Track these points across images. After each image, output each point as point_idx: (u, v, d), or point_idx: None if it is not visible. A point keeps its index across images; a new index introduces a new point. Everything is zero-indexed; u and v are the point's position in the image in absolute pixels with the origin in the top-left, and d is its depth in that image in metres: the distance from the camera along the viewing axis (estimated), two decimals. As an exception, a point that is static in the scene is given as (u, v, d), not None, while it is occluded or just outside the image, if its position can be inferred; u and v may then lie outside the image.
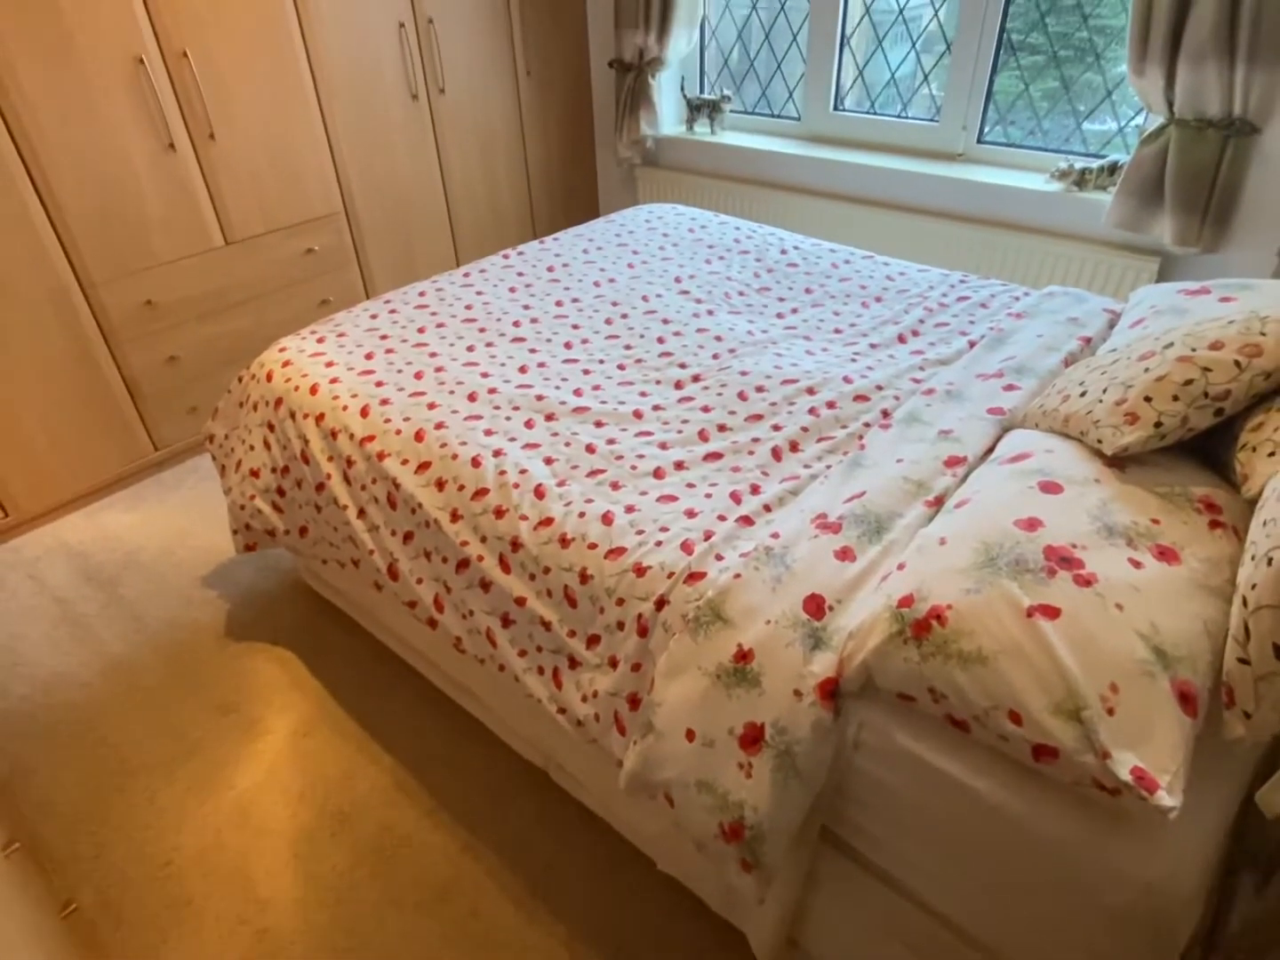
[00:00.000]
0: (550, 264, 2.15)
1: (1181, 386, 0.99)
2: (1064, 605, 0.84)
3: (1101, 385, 1.09)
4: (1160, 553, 0.90)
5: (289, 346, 1.78)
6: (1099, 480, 1.00)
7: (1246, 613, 0.77)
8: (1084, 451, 1.07)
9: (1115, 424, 1.02)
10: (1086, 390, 1.12)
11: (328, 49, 2.43)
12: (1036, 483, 1.01)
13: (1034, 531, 0.93)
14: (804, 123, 2.94)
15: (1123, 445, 1.00)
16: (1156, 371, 1.03)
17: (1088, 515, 0.94)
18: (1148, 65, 2.01)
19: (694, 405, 1.52)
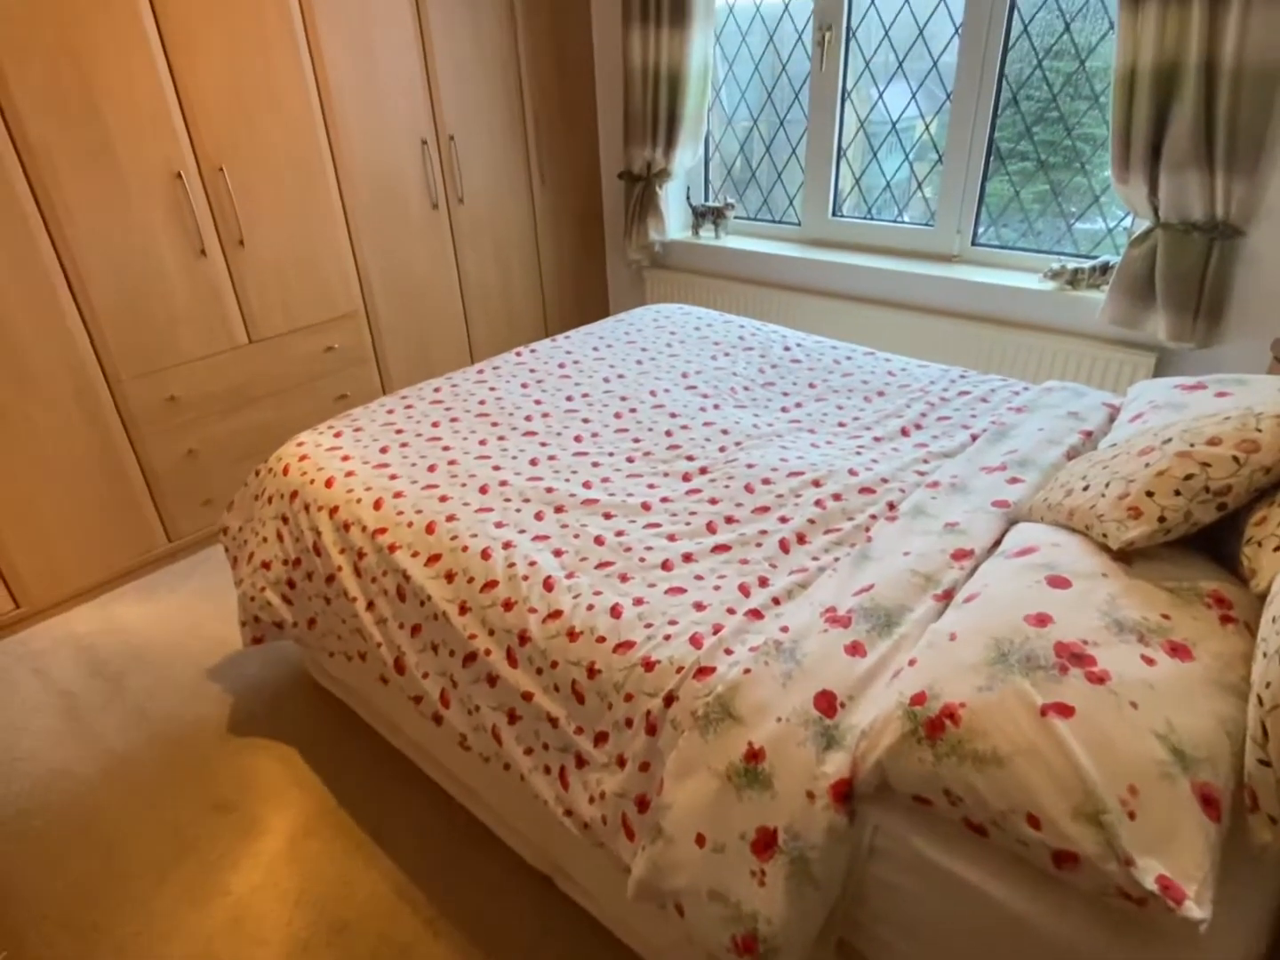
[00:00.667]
0: (561, 360, 2.22)
1: (1182, 481, 1.01)
2: (1078, 704, 0.83)
3: (1104, 480, 1.11)
4: (1172, 649, 0.89)
5: (306, 441, 1.83)
6: (1106, 575, 1.00)
7: (1263, 712, 0.76)
8: (1090, 545, 1.07)
9: (1119, 518, 1.04)
10: (1089, 484, 1.13)
11: (355, 163, 2.59)
12: (1044, 577, 1.02)
13: (1044, 627, 0.92)
14: (804, 228, 3.08)
15: (1128, 539, 1.01)
16: (1157, 466, 1.04)
17: (1097, 611, 0.94)
18: (1130, 174, 2.11)
19: (701, 497, 1.55)
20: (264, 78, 2.30)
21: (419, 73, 2.67)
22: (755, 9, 2.96)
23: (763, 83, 3.06)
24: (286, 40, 2.32)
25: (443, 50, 2.70)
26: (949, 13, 2.52)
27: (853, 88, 2.81)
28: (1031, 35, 2.39)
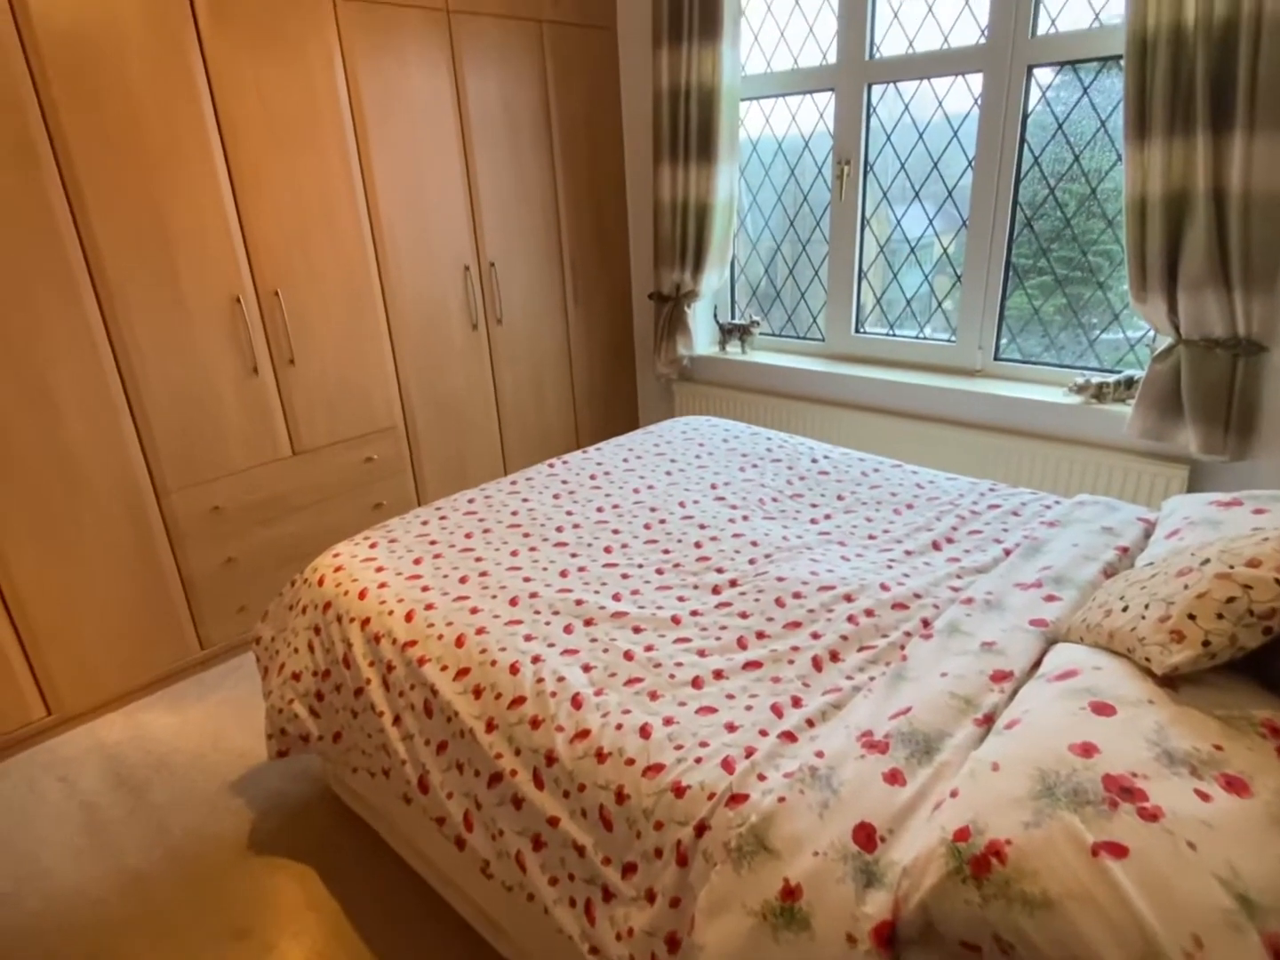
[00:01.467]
0: (593, 472, 2.27)
1: (1225, 604, 0.99)
2: (1131, 843, 0.79)
3: (1143, 601, 1.09)
4: (1228, 783, 0.85)
5: (342, 552, 1.87)
6: (1152, 701, 0.97)
7: (1334, 857, 0.72)
8: (1133, 669, 1.04)
9: (1162, 642, 1.01)
10: (1128, 605, 1.11)
11: (401, 288, 2.75)
12: (1088, 703, 0.99)
13: (1090, 758, 0.89)
14: (828, 343, 3.18)
15: (1172, 664, 0.98)
16: (1197, 588, 1.02)
17: (1145, 740, 0.90)
18: (1149, 294, 2.17)
19: (731, 611, 1.54)
20: (321, 211, 2.49)
21: (464, 206, 2.87)
22: (777, 145, 3.16)
23: (785, 210, 3.23)
24: (344, 176, 2.52)
25: (486, 185, 2.91)
26: (961, 148, 2.67)
27: (871, 214, 2.95)
28: (1042, 165, 2.52)
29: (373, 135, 2.56)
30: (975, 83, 2.56)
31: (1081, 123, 2.43)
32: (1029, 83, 2.46)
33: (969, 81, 2.59)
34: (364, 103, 2.52)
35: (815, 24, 2.89)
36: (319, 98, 2.41)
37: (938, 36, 2.61)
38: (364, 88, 2.51)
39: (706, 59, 2.85)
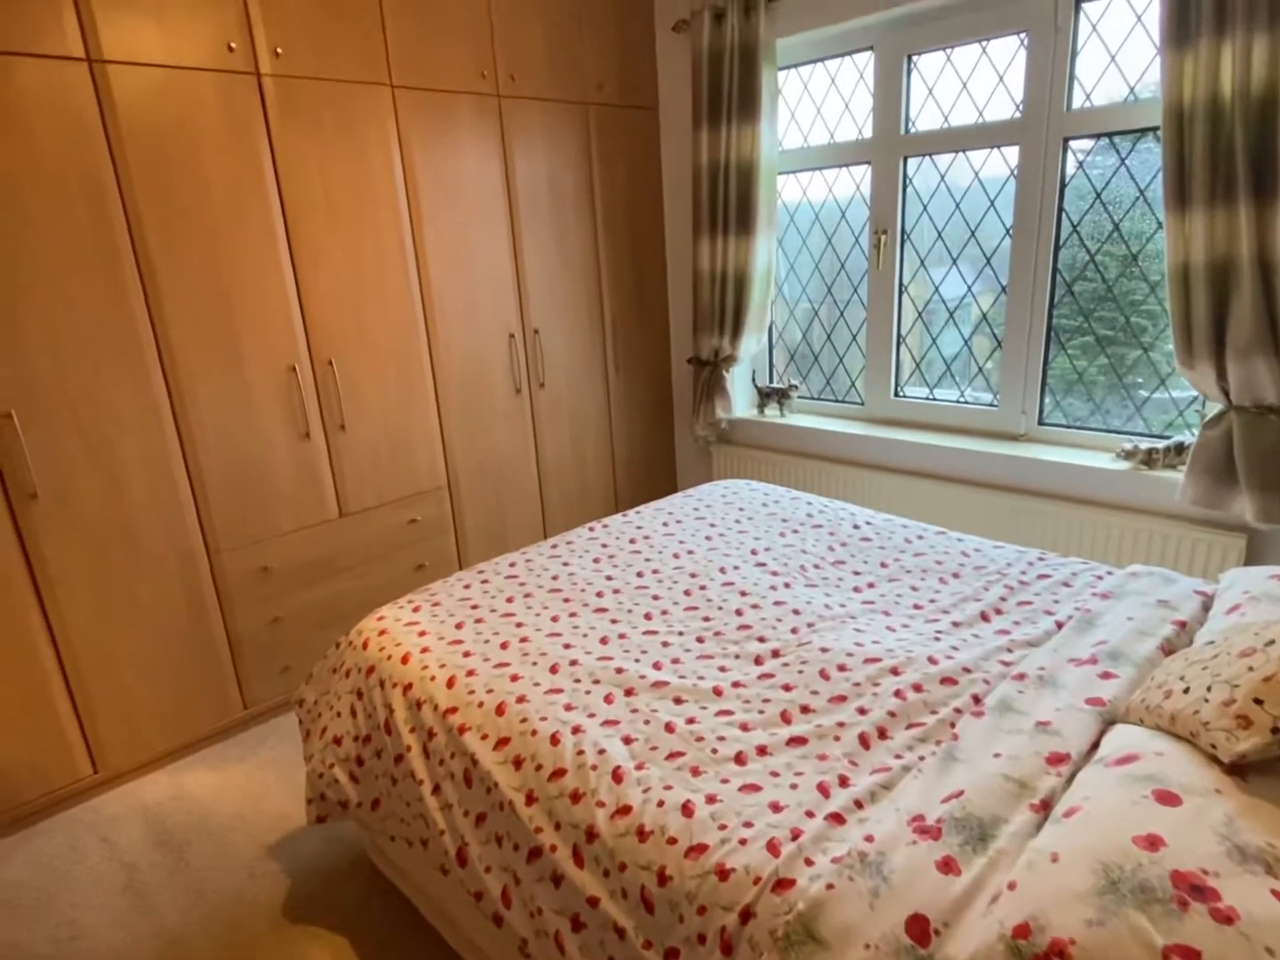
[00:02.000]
0: (632, 536, 2.27)
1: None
2: (1205, 947, 0.75)
3: (1205, 682, 1.05)
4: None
5: (387, 615, 1.89)
6: (1220, 791, 0.93)
7: None
8: (1198, 756, 1.00)
9: (1227, 727, 0.97)
10: (1190, 687, 1.08)
11: (449, 355, 2.84)
12: (1151, 791, 0.95)
13: (1156, 851, 0.85)
14: (867, 407, 3.18)
15: (1239, 752, 0.94)
16: (1262, 671, 0.99)
17: (1214, 834, 0.86)
18: (1195, 360, 2.14)
19: (774, 683, 1.51)
20: (375, 284, 2.60)
21: (510, 277, 2.98)
22: (814, 216, 3.24)
23: (822, 276, 3.28)
24: (397, 252, 2.64)
25: (532, 257, 3.02)
26: (998, 215, 2.70)
27: (909, 282, 2.98)
28: (1081, 232, 2.53)
29: (425, 212, 2.68)
30: (1011, 154, 2.60)
31: (1120, 188, 2.44)
32: (1065, 153, 2.49)
33: (1004, 154, 2.63)
34: (418, 182, 2.65)
35: (851, 101, 2.98)
36: (377, 179, 2.55)
37: (972, 110, 2.67)
38: (419, 168, 2.64)
39: (745, 137, 2.95)
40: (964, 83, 2.68)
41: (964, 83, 2.68)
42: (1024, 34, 2.48)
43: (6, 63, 1.88)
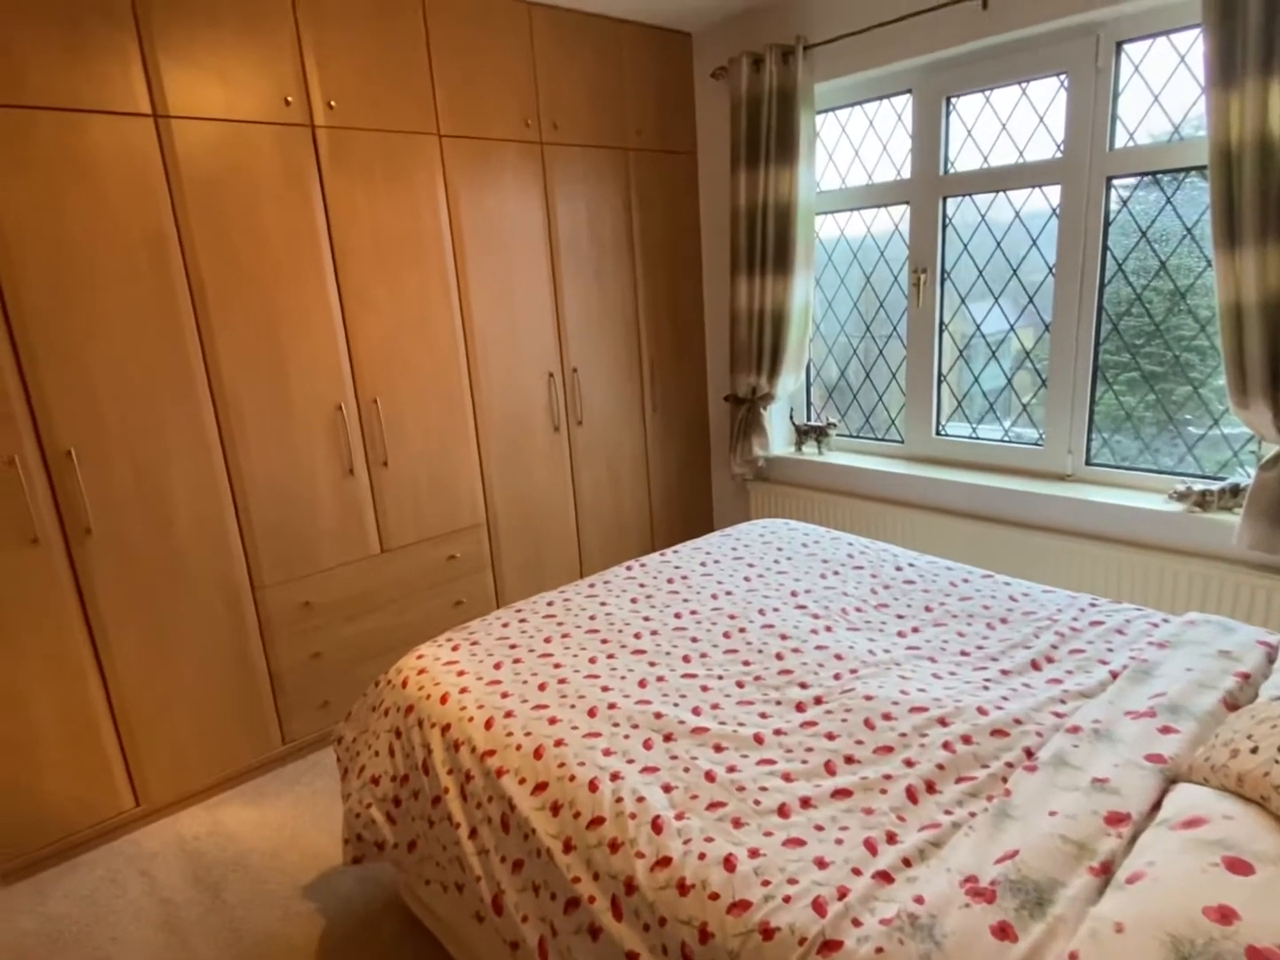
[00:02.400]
0: (670, 576, 2.26)
1: (1373, 752, 0.90)
2: (1289, 1034, 0.70)
3: (1275, 742, 1.00)
4: (1401, 967, 0.75)
5: (426, 654, 1.89)
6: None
7: None
8: (1268, 821, 0.95)
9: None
10: (1259, 746, 1.03)
11: (490, 393, 2.89)
12: (1220, 858, 0.90)
13: (1229, 925, 0.80)
14: (907, 445, 3.15)
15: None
16: (1338, 732, 0.94)
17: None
18: (1250, 399, 2.08)
19: (818, 731, 1.48)
20: (420, 325, 2.66)
21: (550, 317, 3.02)
22: (853, 255, 3.24)
23: (860, 314, 3.28)
24: (442, 293, 2.70)
25: (571, 298, 3.07)
26: (1040, 254, 2.68)
27: (950, 320, 2.96)
28: (1126, 271, 2.50)
29: (469, 255, 2.75)
30: (1053, 192, 2.59)
31: (1166, 225, 2.41)
32: (1109, 192, 2.47)
33: (1045, 192, 2.62)
34: (463, 226, 2.72)
35: (889, 142, 3.00)
36: (423, 223, 2.62)
37: (1013, 150, 2.67)
38: (463, 212, 2.71)
39: (784, 180, 2.98)
40: (1003, 124, 2.68)
41: (1003, 124, 2.68)
42: (1064, 75, 2.48)
43: (80, 120, 1.98)
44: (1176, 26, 2.25)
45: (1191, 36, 2.25)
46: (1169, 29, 2.27)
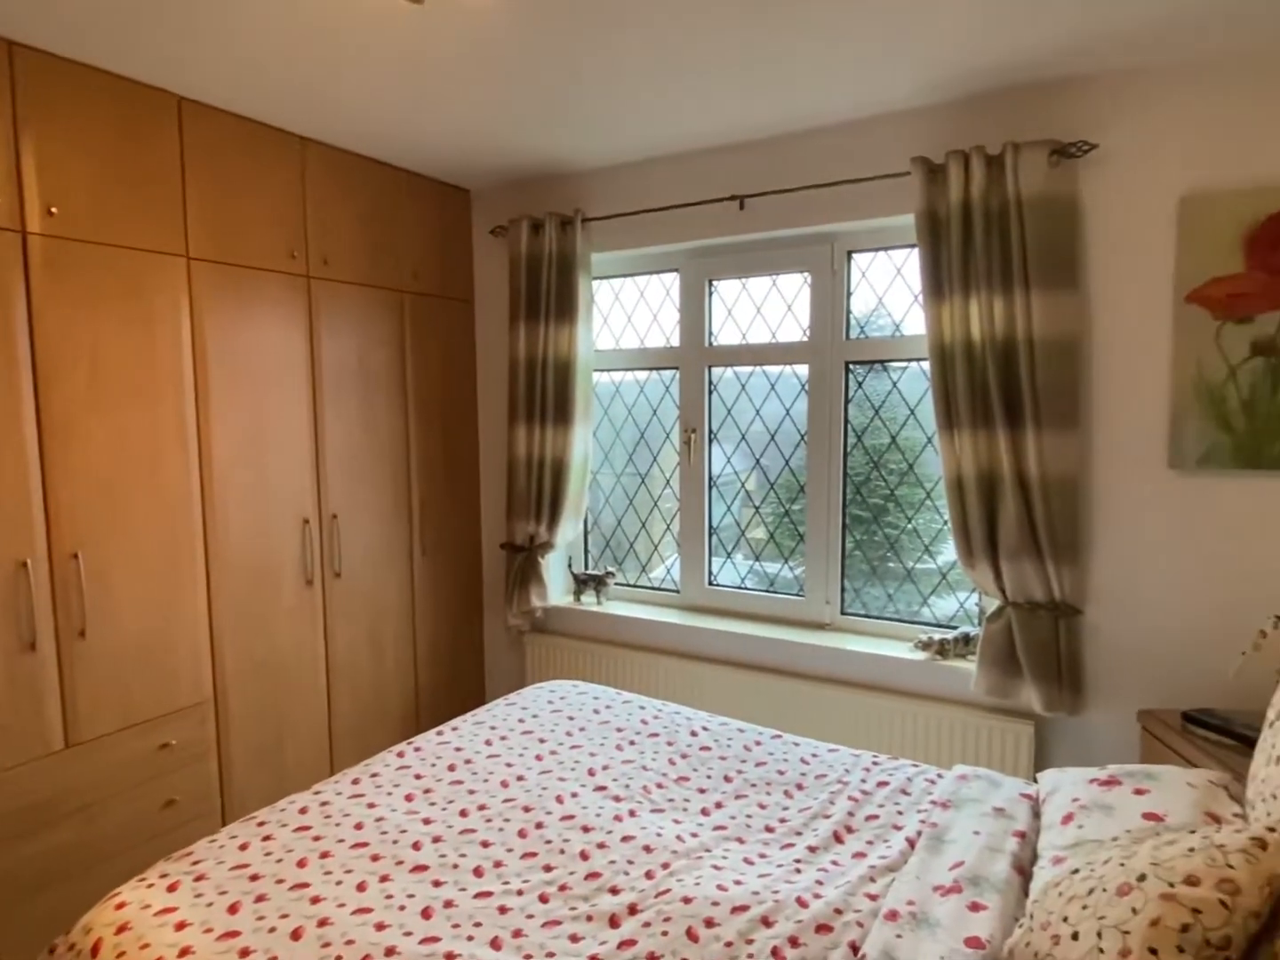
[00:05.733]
0: (451, 761, 2.00)
1: (1181, 934, 0.95)
2: None
3: (1093, 928, 1.03)
4: None
5: (128, 901, 1.44)
6: (1144, 1067, 0.88)
7: None
8: (1107, 1019, 0.96)
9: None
10: (1078, 932, 1.05)
11: (228, 543, 2.48)
12: (1080, 1077, 0.87)
13: None
14: (683, 595, 3.20)
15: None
16: (1147, 914, 0.98)
17: None
18: (975, 560, 2.38)
19: (638, 953, 1.31)
20: (145, 466, 2.25)
21: (309, 459, 2.73)
22: (628, 412, 3.36)
23: (636, 467, 3.37)
24: (176, 429, 2.32)
25: (335, 439, 2.81)
26: (794, 424, 2.96)
27: (719, 475, 3.13)
28: (865, 444, 2.83)
29: (215, 389, 2.42)
30: (802, 370, 2.90)
31: (896, 405, 2.78)
32: (847, 375, 2.81)
33: (796, 370, 2.92)
34: (209, 357, 2.40)
35: (659, 312, 3.21)
36: (160, 351, 2.27)
37: (766, 330, 2.97)
38: (211, 343, 2.40)
39: (563, 336, 3.05)
40: (758, 308, 2.99)
41: (758, 308, 2.99)
42: (807, 274, 2.85)
43: None
44: (894, 245, 2.69)
45: (905, 254, 2.69)
46: (888, 246, 2.71)
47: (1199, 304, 2.13)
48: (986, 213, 2.27)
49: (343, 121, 2.54)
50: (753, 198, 2.74)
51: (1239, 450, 2.11)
